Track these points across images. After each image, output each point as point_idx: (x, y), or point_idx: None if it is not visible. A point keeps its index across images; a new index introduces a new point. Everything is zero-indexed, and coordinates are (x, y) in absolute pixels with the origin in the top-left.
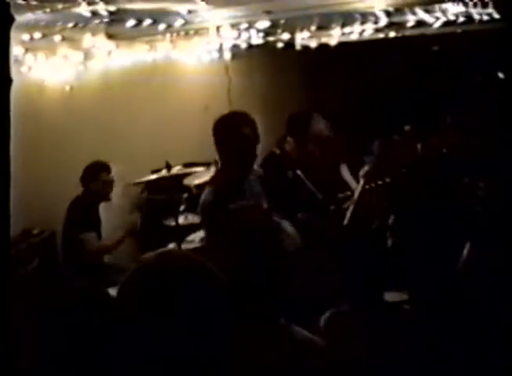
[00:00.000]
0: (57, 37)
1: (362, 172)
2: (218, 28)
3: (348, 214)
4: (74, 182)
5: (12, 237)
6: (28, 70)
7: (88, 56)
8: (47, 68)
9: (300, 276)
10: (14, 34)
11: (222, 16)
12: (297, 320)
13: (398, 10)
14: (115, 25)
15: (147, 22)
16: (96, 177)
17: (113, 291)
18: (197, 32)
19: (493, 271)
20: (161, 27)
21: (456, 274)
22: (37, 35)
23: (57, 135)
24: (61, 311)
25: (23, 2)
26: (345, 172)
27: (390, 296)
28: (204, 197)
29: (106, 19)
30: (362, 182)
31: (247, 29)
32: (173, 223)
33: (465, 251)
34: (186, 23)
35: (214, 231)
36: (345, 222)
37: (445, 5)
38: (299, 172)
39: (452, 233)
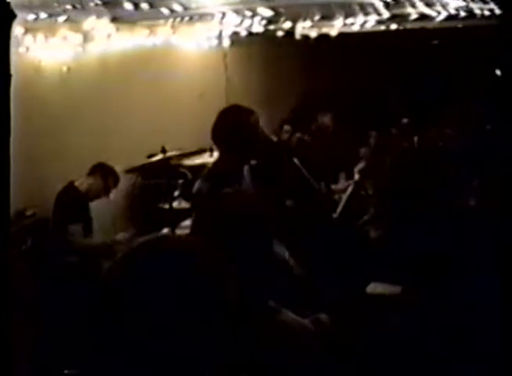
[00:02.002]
0: (59, 19)
1: (357, 168)
2: (222, 14)
3: (340, 207)
4: (69, 165)
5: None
6: (26, 51)
7: (87, 38)
8: (46, 49)
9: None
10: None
11: (221, 1)
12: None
13: (397, 3)
14: (117, 8)
15: (145, 6)
16: (97, 176)
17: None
18: (200, 18)
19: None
20: (165, 11)
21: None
22: (39, 16)
23: (54, 116)
24: (57, 284)
25: None
26: (342, 179)
27: (379, 288)
28: (198, 186)
29: (100, 2)
30: (356, 177)
31: (251, 16)
32: (167, 207)
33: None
34: (184, 8)
35: (199, 218)
36: (336, 214)
37: None
38: (295, 160)
39: (444, 227)
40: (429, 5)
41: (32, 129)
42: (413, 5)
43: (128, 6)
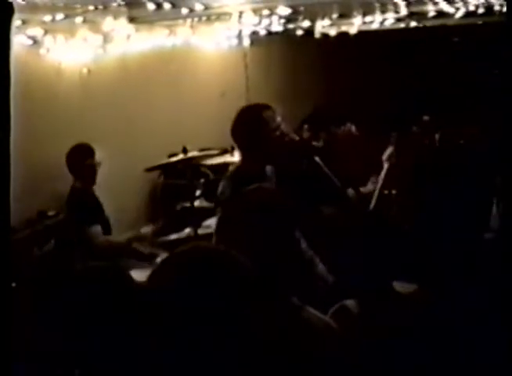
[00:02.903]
0: (78, 19)
1: (385, 156)
2: (240, 13)
3: (374, 199)
4: None
5: (28, 219)
6: (47, 52)
7: (107, 39)
8: (66, 50)
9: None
10: (33, 16)
11: (242, 0)
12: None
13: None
14: (137, 8)
15: (167, 6)
16: (81, 163)
17: (134, 274)
18: (218, 18)
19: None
20: (183, 11)
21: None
22: (57, 17)
23: (74, 117)
24: (79, 288)
25: None
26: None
27: (402, 286)
28: (222, 187)
29: (123, 2)
30: (386, 166)
31: (269, 15)
32: (189, 206)
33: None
34: (205, 7)
35: (224, 217)
36: (371, 206)
37: None
38: (317, 159)
39: (466, 224)
40: (449, 1)
41: (52, 130)
42: (434, 2)
43: (150, 6)
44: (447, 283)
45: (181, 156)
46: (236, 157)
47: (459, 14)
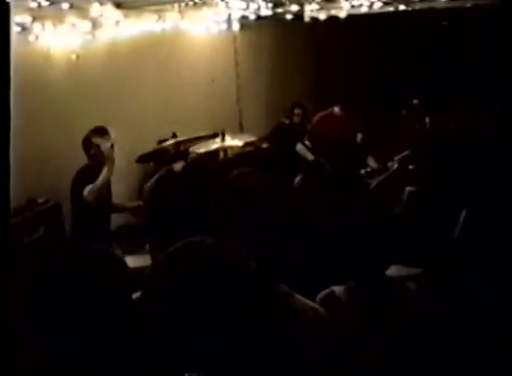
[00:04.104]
0: (65, 6)
1: (398, 157)
2: None
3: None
4: (80, 152)
5: (18, 206)
6: (35, 39)
7: (95, 25)
8: (54, 37)
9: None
10: (21, 2)
11: None
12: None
13: None
14: None
15: None
16: (90, 142)
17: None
18: (206, 2)
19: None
20: None
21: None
22: (44, 3)
23: (63, 103)
24: (70, 272)
25: None
26: (372, 162)
27: (396, 270)
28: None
29: None
30: (396, 166)
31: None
32: None
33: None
34: None
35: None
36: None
37: None
38: (307, 142)
39: (455, 207)
40: None
41: (42, 116)
42: None
43: None
44: (451, 268)
45: (171, 141)
46: (226, 141)
47: None
